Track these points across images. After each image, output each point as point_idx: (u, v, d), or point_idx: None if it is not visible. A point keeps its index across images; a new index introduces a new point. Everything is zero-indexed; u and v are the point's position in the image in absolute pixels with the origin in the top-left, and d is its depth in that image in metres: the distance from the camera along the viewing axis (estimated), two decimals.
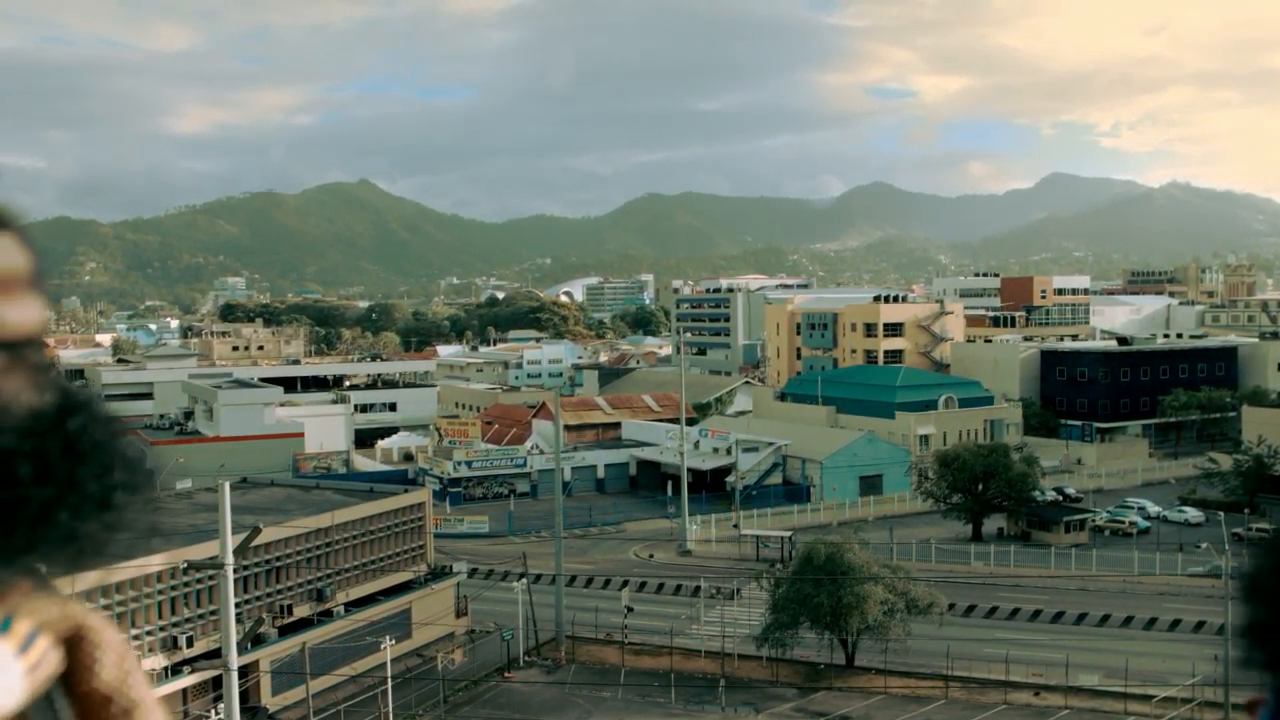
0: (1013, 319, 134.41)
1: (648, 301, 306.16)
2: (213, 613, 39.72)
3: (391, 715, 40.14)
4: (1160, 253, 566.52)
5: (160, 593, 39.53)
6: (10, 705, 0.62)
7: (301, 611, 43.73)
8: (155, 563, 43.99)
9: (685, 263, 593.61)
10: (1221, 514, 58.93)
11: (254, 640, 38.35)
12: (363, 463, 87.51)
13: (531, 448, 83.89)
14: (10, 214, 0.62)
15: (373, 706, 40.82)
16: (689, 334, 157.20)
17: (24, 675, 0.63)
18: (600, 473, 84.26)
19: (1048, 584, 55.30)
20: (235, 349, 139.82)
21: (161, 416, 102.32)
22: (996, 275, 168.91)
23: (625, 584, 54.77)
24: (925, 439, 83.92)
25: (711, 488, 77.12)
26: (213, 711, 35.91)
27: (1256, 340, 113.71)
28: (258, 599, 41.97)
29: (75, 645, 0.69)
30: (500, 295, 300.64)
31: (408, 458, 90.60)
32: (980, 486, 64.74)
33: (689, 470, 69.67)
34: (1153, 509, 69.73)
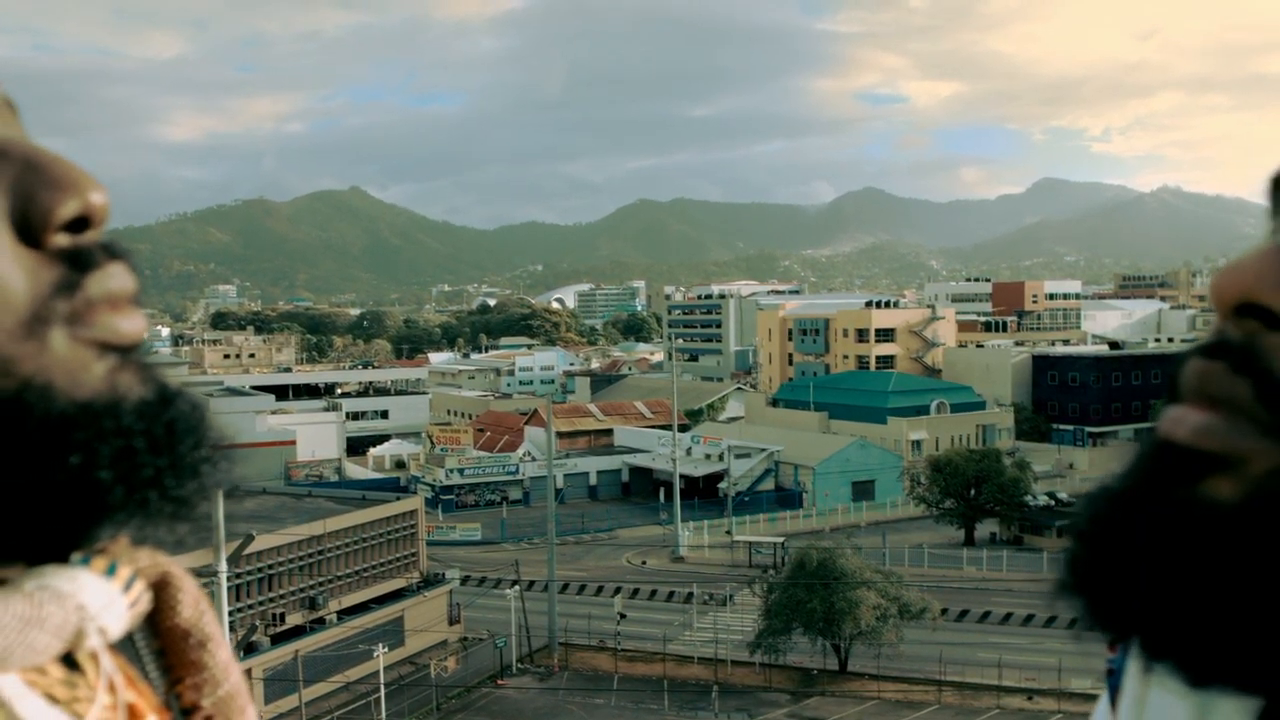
0: (1004, 324, 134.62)
1: (640, 308, 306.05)
2: None
3: None
4: (1151, 257, 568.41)
5: None
6: (117, 633, 0.74)
7: (294, 619, 43.69)
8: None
9: (677, 269, 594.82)
10: None
11: (246, 648, 38.27)
12: (355, 470, 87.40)
13: (524, 455, 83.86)
14: (122, 246, 0.73)
15: (366, 714, 40.79)
16: (681, 340, 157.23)
17: (126, 610, 0.74)
18: (593, 480, 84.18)
19: (1040, 589, 55.36)
20: (226, 357, 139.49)
21: None
22: (988, 280, 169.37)
23: (618, 591, 54.72)
24: (917, 444, 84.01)
25: (704, 494, 77.09)
26: None
27: None
28: (250, 607, 41.93)
29: (162, 588, 0.81)
30: (492, 302, 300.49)
31: (400, 465, 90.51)
32: (972, 491, 64.77)
33: (682, 477, 69.66)
34: None
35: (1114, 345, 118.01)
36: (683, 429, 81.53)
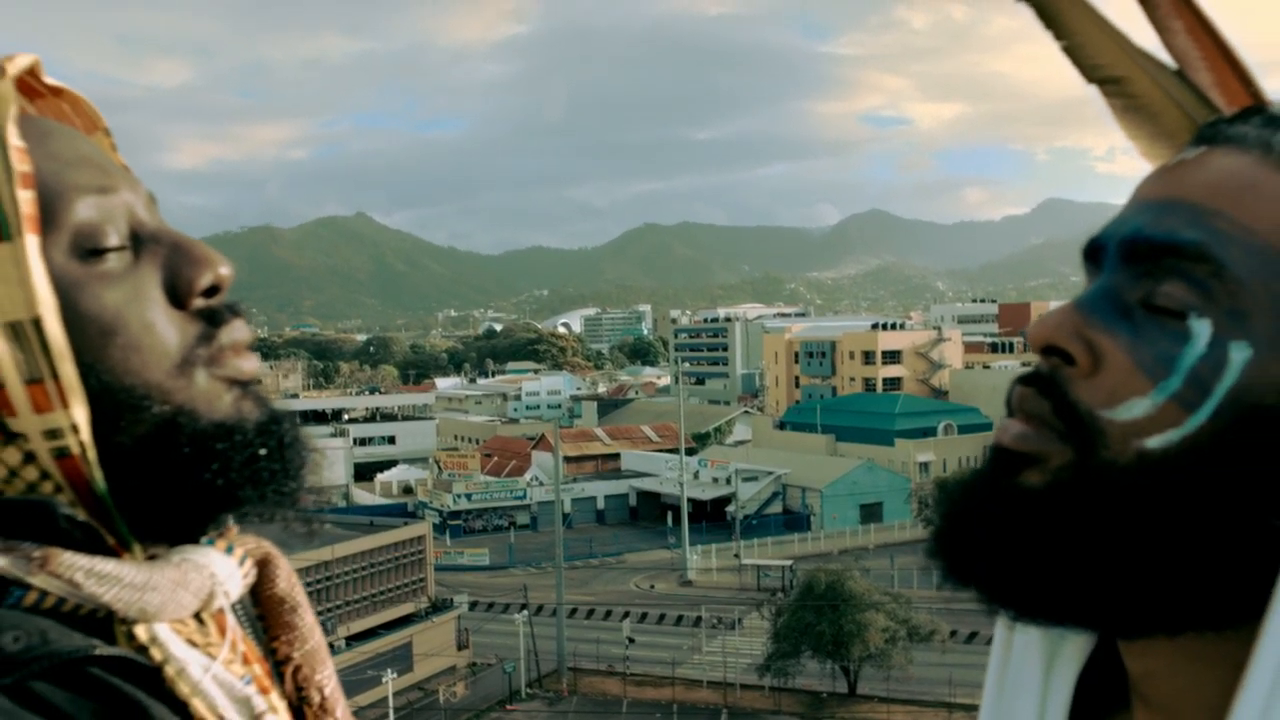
0: (1011, 345, 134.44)
1: (645, 332, 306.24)
2: None
3: None
4: None
5: None
6: (234, 598, 0.96)
7: None
8: None
9: (683, 293, 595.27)
10: None
11: None
12: (362, 496, 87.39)
13: (531, 480, 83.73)
14: (241, 306, 0.96)
15: None
16: (687, 364, 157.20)
17: (240, 580, 0.98)
18: (600, 504, 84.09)
19: None
20: None
21: None
22: (994, 302, 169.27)
23: (626, 615, 54.69)
24: (925, 466, 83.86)
25: (712, 518, 76.97)
26: None
27: None
28: None
29: (264, 565, 1.05)
30: (498, 327, 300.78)
31: (407, 491, 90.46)
32: None
33: (689, 500, 69.62)
34: None
35: None
36: (690, 453, 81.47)
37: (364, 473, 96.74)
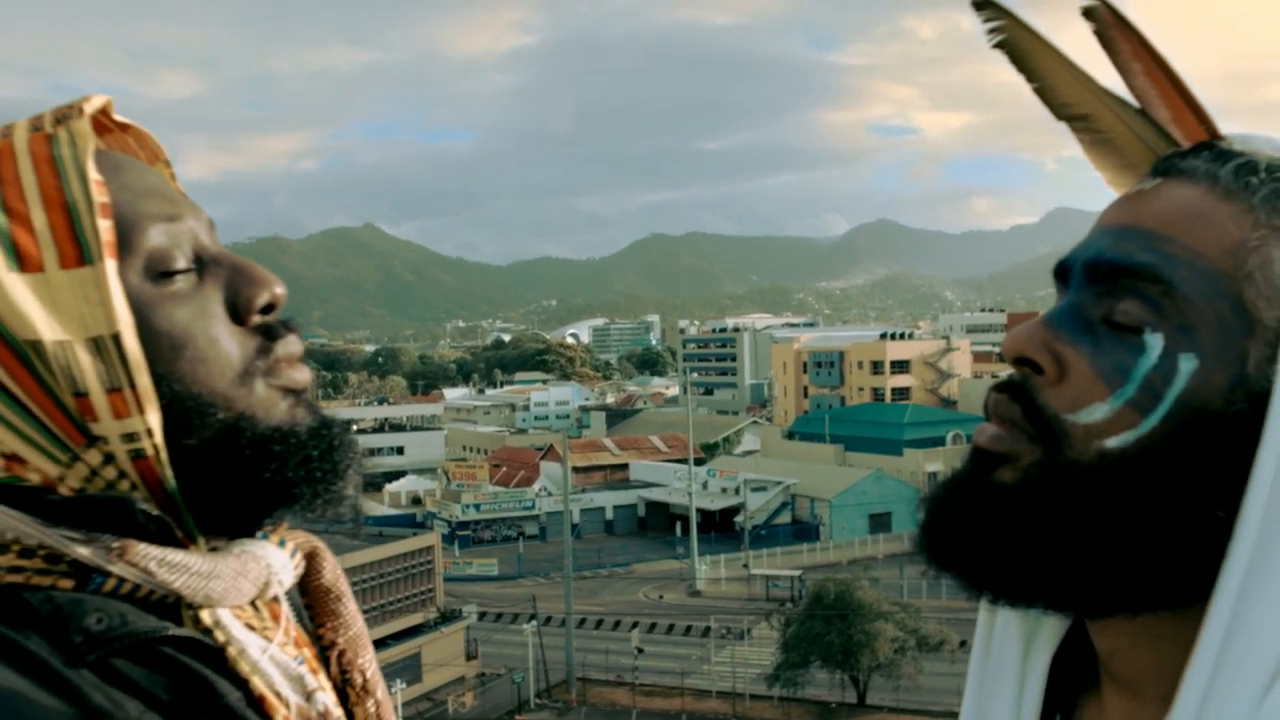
0: None
1: (654, 342, 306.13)
2: None
3: None
4: None
5: None
6: (286, 587, 1.10)
7: None
8: None
9: (691, 303, 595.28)
10: None
11: None
12: (371, 507, 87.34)
13: (539, 490, 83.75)
14: (295, 321, 1.09)
15: None
16: (696, 374, 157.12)
17: (291, 571, 1.11)
18: (609, 514, 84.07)
19: None
20: None
21: None
22: (1003, 311, 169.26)
23: (635, 625, 54.64)
24: (934, 476, 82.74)
25: (720, 528, 76.91)
26: None
27: None
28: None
29: (311, 558, 1.19)
30: (506, 338, 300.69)
31: (416, 501, 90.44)
32: None
33: (698, 510, 69.56)
34: None
35: None
36: (699, 463, 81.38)
37: (373, 483, 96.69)
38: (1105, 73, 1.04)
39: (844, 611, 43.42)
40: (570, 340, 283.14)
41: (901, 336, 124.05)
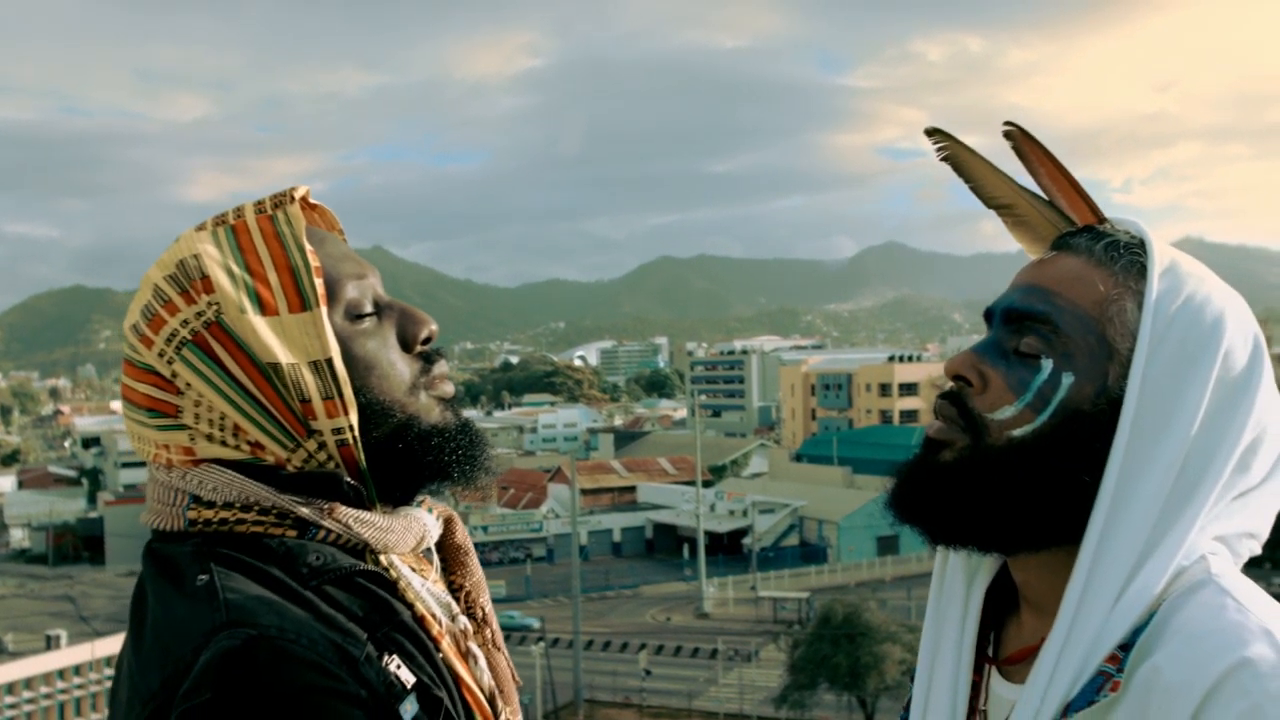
0: None
1: (662, 365, 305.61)
2: None
3: None
4: None
5: None
6: (433, 541, 1.52)
7: None
8: None
9: (699, 325, 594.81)
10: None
11: None
12: None
13: (547, 512, 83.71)
14: (442, 349, 1.56)
15: None
16: (704, 397, 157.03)
17: (436, 532, 1.53)
18: (617, 536, 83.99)
19: None
20: None
21: None
22: None
23: (643, 647, 54.63)
24: None
25: (728, 550, 76.87)
26: None
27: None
28: None
29: (448, 522, 1.60)
30: (514, 360, 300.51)
31: None
32: None
33: (706, 533, 69.54)
34: None
35: None
36: (706, 485, 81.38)
37: None
38: (1022, 175, 1.51)
39: (852, 633, 43.36)
40: (578, 362, 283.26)
41: (910, 359, 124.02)
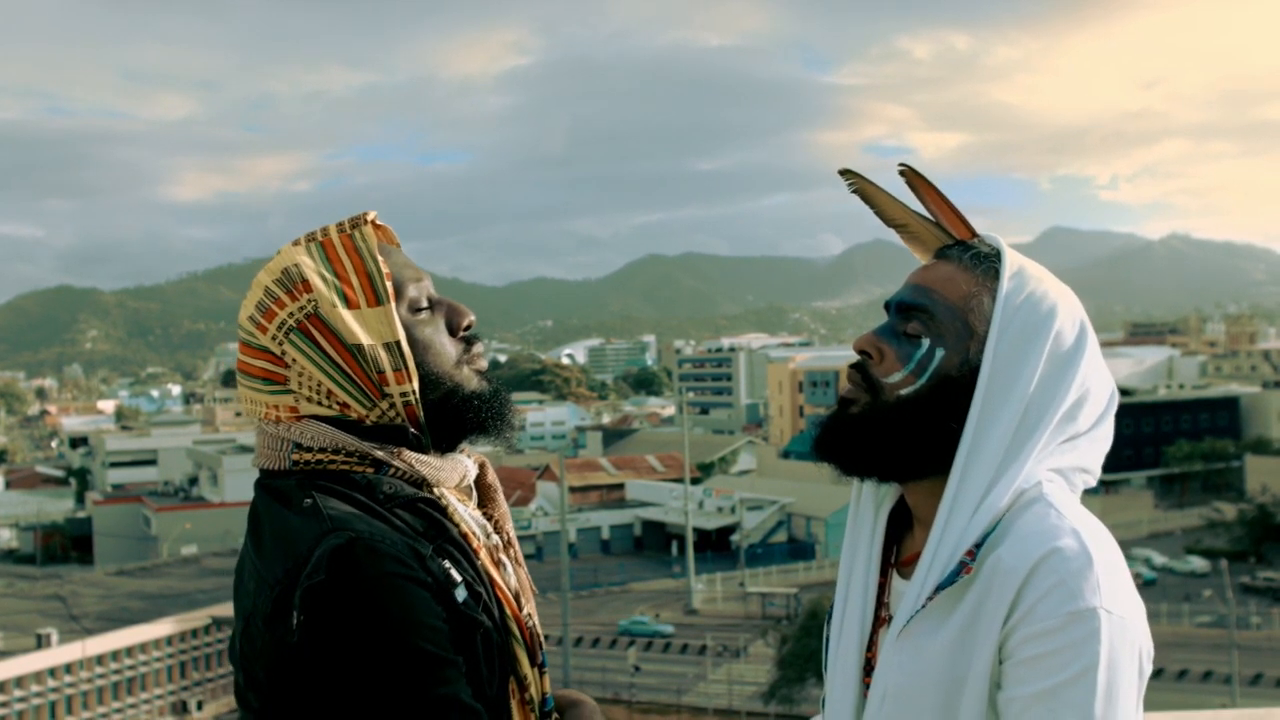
0: None
1: (650, 362, 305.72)
2: (222, 676, 39.80)
3: None
4: (1161, 304, 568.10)
5: (170, 656, 39.63)
6: (471, 479, 1.95)
7: None
8: (163, 628, 44.00)
9: (687, 323, 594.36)
10: (1225, 562, 57.90)
11: None
12: None
13: (536, 510, 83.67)
14: (479, 335, 2.00)
15: None
16: (692, 394, 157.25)
17: (473, 472, 1.96)
18: (605, 534, 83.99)
19: None
20: (238, 415, 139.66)
21: (165, 483, 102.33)
22: None
23: (632, 643, 54.73)
24: None
25: (717, 547, 76.98)
26: None
27: (1259, 390, 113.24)
28: None
29: (481, 466, 2.01)
30: (502, 358, 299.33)
31: None
32: None
33: (694, 530, 69.61)
34: (1158, 560, 69.47)
35: (1125, 392, 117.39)
36: (695, 482, 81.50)
37: None
38: (913, 201, 1.94)
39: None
40: (566, 361, 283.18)
41: None
